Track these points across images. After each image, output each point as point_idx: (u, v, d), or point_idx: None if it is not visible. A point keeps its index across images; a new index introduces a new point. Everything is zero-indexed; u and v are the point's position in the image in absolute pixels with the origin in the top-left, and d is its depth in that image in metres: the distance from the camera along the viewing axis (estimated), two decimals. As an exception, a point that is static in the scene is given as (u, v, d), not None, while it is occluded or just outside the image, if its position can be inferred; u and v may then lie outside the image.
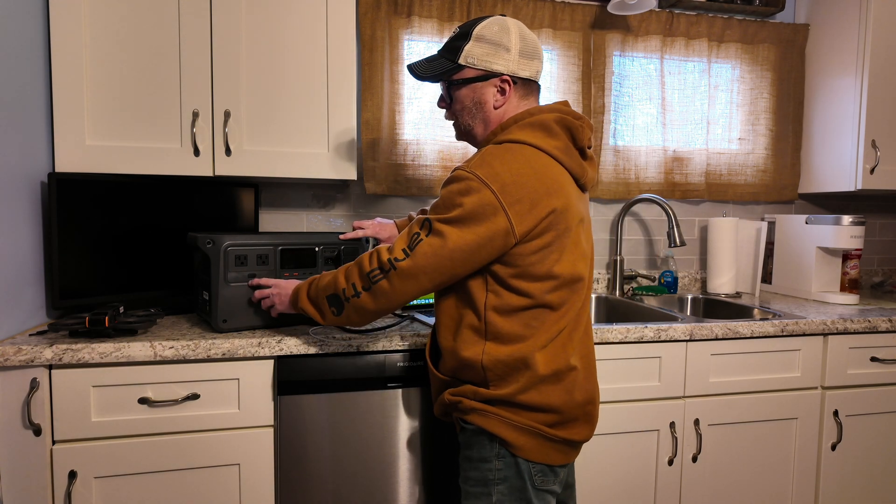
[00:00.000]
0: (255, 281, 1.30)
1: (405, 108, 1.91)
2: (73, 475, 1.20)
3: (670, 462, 1.53)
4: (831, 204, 2.38)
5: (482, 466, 1.07)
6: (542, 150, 1.04)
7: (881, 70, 1.97)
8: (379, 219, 1.48)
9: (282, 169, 1.54)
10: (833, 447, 1.65)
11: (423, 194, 1.95)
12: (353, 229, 1.46)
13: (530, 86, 1.14)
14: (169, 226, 1.54)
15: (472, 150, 1.95)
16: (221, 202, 1.66)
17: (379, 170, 1.89)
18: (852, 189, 2.02)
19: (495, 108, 1.12)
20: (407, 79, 1.91)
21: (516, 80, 1.11)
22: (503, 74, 1.10)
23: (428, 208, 1.19)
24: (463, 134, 1.19)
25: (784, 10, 2.22)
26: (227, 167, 1.50)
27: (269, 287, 1.29)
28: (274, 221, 1.88)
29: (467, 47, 1.11)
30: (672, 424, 1.53)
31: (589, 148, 1.12)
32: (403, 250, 1.04)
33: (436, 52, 1.18)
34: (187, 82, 1.46)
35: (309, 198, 1.90)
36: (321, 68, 1.55)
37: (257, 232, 1.61)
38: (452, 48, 1.13)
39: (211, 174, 1.49)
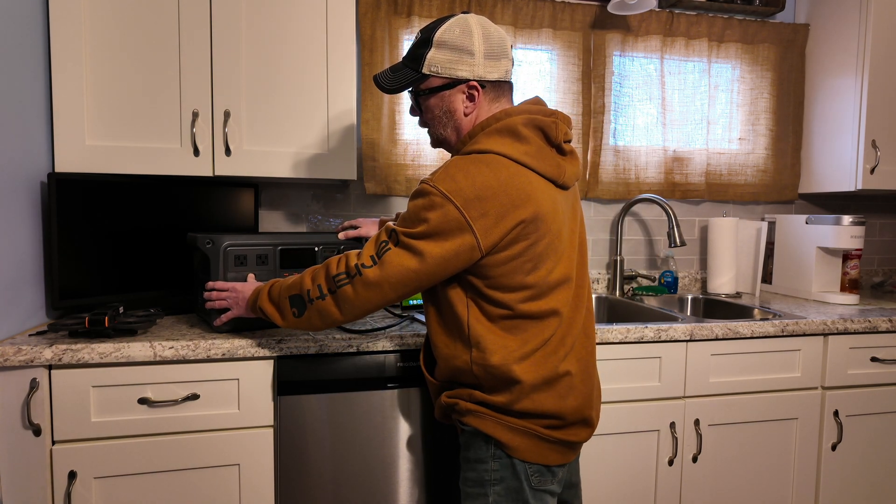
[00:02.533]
0: (211, 284, 1.26)
1: (405, 108, 1.91)
2: (72, 475, 1.20)
3: (670, 462, 1.53)
4: (831, 204, 2.38)
5: (479, 467, 1.07)
6: (510, 158, 1.00)
7: (881, 70, 1.96)
8: (373, 218, 1.48)
9: (282, 169, 1.54)
10: (833, 447, 1.65)
11: (423, 194, 1.94)
12: (344, 228, 1.46)
13: (501, 87, 1.10)
14: (169, 226, 1.54)
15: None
16: (221, 202, 1.65)
17: (379, 170, 1.89)
18: (852, 189, 2.02)
19: (466, 115, 1.09)
20: (407, 79, 1.91)
21: (484, 84, 1.07)
22: (470, 80, 1.06)
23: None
24: (437, 142, 1.16)
25: (784, 10, 2.22)
26: (227, 167, 1.50)
27: (225, 290, 1.24)
28: (274, 221, 1.88)
29: (430, 55, 1.06)
30: (672, 424, 1.53)
31: (567, 142, 1.08)
32: (371, 257, 1.02)
33: (399, 62, 1.13)
34: (187, 82, 1.46)
35: (309, 198, 1.89)
36: (321, 68, 1.55)
37: (257, 232, 1.61)
38: (415, 56, 1.08)
39: (211, 174, 1.49)
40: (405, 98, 1.90)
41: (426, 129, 1.16)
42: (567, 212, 1.09)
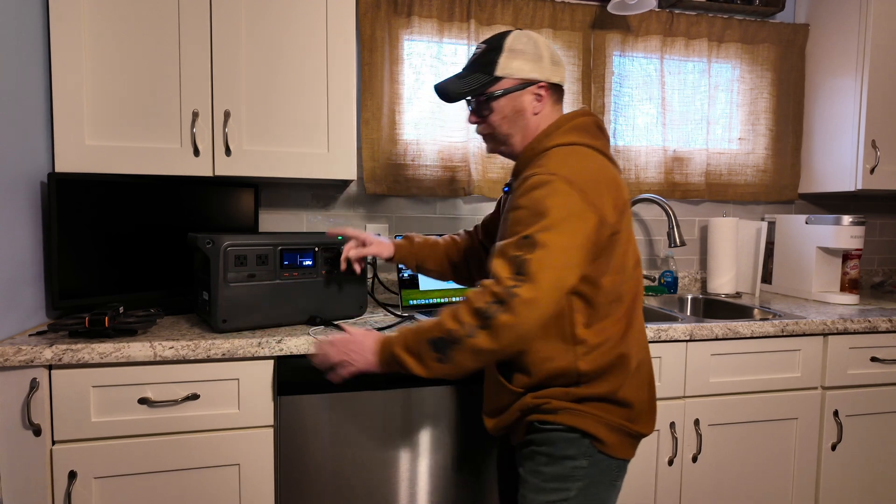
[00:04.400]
0: (325, 340, 1.10)
1: (405, 108, 1.91)
2: (73, 475, 1.20)
3: (670, 462, 1.53)
4: (831, 204, 2.38)
5: (566, 463, 1.05)
6: (596, 150, 1.08)
7: (881, 70, 1.96)
8: (375, 234, 1.42)
9: (282, 169, 1.54)
10: (833, 447, 1.65)
11: (423, 194, 1.95)
12: (343, 237, 1.44)
13: (559, 91, 1.18)
14: (169, 226, 1.54)
15: (475, 149, 1.95)
16: (221, 202, 1.66)
17: (379, 170, 1.89)
18: (852, 189, 2.02)
19: (534, 115, 1.14)
20: (407, 79, 1.91)
21: (550, 87, 1.15)
22: (540, 81, 1.13)
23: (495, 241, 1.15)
24: (500, 144, 1.18)
25: (784, 10, 2.22)
26: (227, 167, 1.50)
27: (345, 343, 1.07)
28: (274, 221, 1.88)
29: (503, 59, 1.12)
30: (672, 424, 1.53)
31: None
32: (511, 278, 0.93)
33: (462, 71, 1.17)
34: (187, 82, 1.46)
35: (309, 198, 1.89)
36: (321, 68, 1.55)
37: (257, 232, 1.61)
38: (486, 62, 1.14)
39: (211, 174, 1.49)
40: (405, 98, 1.90)
41: (483, 136, 1.20)
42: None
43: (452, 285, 1.73)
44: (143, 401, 1.22)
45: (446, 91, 1.16)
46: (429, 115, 1.93)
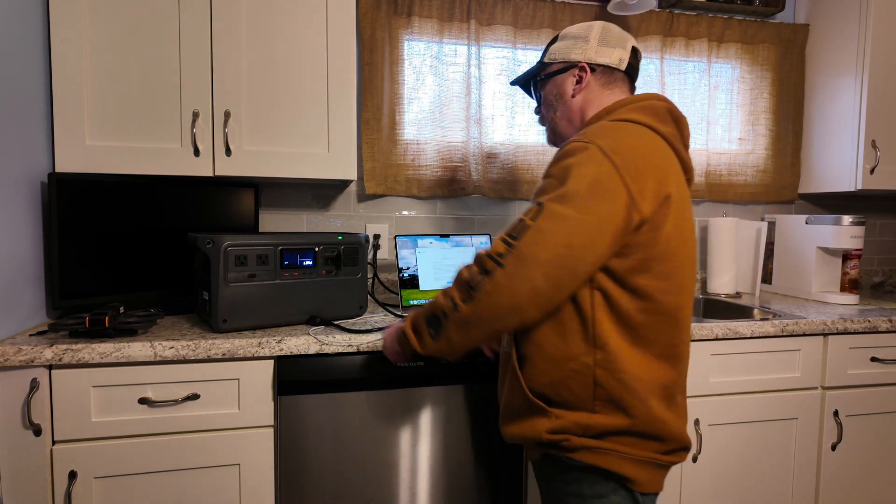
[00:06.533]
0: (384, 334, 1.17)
1: (405, 108, 1.91)
2: (73, 475, 1.20)
3: (670, 462, 1.53)
4: (831, 204, 2.38)
5: (596, 503, 0.95)
6: (656, 131, 0.96)
7: (881, 70, 1.96)
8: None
9: (282, 169, 1.54)
10: (833, 447, 1.65)
11: (422, 194, 1.94)
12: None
13: (612, 74, 1.09)
14: (169, 226, 1.54)
15: (475, 149, 1.95)
16: (221, 202, 1.66)
17: (379, 170, 1.89)
18: (852, 189, 2.02)
19: (573, 97, 1.10)
20: (407, 79, 1.91)
21: (594, 68, 1.09)
22: (580, 62, 1.09)
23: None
24: (550, 131, 1.16)
25: (784, 10, 2.22)
26: (228, 167, 1.50)
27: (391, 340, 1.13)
28: (274, 221, 1.88)
29: (553, 46, 1.14)
30: (672, 424, 1.53)
31: (686, 147, 1.06)
32: (505, 241, 0.87)
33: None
34: (187, 82, 1.46)
35: (309, 198, 1.90)
36: (321, 68, 1.55)
37: (257, 232, 1.61)
38: (543, 52, 1.17)
39: (211, 174, 1.49)
40: (405, 98, 1.91)
41: (545, 128, 1.19)
42: (689, 211, 1.00)
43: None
44: (143, 401, 1.22)
45: (515, 81, 1.22)
46: (429, 115, 1.93)
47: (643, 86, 2.11)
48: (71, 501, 1.20)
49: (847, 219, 1.88)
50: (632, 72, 1.12)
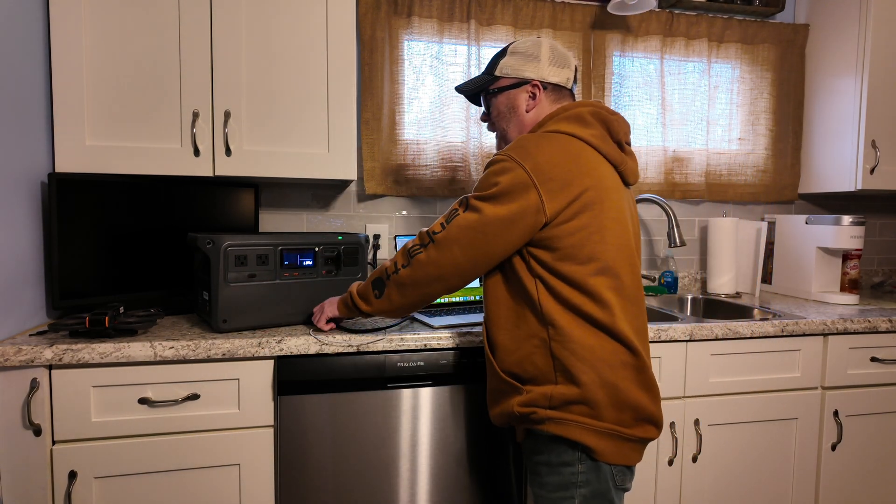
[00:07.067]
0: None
1: (405, 108, 1.92)
2: (73, 475, 1.20)
3: (670, 462, 1.53)
4: (831, 204, 2.38)
5: (564, 471, 1.05)
6: (576, 136, 1.09)
7: (881, 70, 1.97)
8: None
9: (282, 169, 1.54)
10: (833, 447, 1.65)
11: (422, 194, 1.95)
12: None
13: (561, 91, 1.22)
14: (169, 226, 1.54)
15: (475, 149, 1.95)
16: (221, 202, 1.66)
17: (379, 170, 1.89)
18: (852, 189, 2.02)
19: (527, 112, 1.21)
20: (407, 79, 1.91)
21: (546, 86, 1.20)
22: (534, 80, 1.19)
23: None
24: (501, 139, 1.27)
25: (784, 10, 2.22)
26: (227, 167, 1.50)
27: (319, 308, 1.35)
28: (274, 221, 1.88)
29: (503, 61, 1.22)
30: (672, 424, 1.53)
31: (628, 144, 1.16)
32: (441, 224, 1.09)
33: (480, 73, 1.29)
34: (187, 82, 1.46)
35: (309, 198, 1.90)
36: (321, 68, 1.55)
37: (257, 232, 1.61)
38: (491, 64, 1.25)
39: (211, 174, 1.49)
40: (405, 98, 1.91)
41: (493, 134, 1.28)
42: (626, 210, 1.13)
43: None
44: (143, 401, 1.22)
45: (461, 88, 1.30)
46: (429, 115, 1.93)
47: (644, 85, 2.11)
48: (71, 501, 1.20)
49: (847, 219, 1.88)
50: (573, 88, 1.26)
